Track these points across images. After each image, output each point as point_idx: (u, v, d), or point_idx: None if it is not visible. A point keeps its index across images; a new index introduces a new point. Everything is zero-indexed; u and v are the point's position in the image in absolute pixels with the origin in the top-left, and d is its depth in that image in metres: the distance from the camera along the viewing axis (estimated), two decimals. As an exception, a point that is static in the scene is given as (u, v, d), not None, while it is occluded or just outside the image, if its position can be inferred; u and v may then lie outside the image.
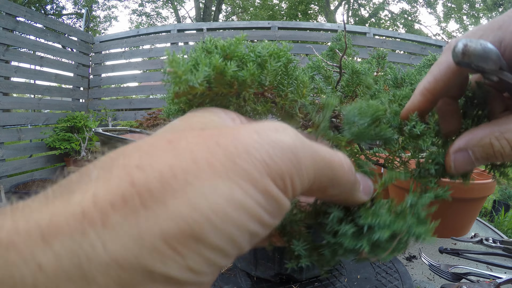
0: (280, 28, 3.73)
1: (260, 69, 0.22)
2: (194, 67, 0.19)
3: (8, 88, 2.81)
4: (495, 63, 0.17)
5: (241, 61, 0.22)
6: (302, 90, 0.25)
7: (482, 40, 0.17)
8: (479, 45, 0.17)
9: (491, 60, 0.17)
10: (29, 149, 3.03)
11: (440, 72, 0.21)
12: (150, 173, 0.12)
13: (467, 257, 0.61)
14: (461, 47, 0.17)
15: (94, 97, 3.82)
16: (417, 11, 13.31)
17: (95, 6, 11.55)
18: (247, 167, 0.12)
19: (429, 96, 0.22)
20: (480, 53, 0.17)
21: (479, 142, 0.20)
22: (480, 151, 0.20)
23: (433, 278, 0.56)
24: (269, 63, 0.22)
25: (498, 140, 0.19)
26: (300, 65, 0.29)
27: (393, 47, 3.95)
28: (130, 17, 18.28)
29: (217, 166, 0.12)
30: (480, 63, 0.17)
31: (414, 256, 0.64)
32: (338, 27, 3.79)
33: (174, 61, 0.18)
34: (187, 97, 0.19)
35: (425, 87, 0.22)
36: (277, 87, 0.25)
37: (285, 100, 0.25)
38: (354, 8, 13.22)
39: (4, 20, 2.68)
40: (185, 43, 3.82)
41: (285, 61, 0.24)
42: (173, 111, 0.28)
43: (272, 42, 0.24)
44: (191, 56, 0.21)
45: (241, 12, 13.29)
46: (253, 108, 0.24)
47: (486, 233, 0.78)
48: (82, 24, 4.69)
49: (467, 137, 0.21)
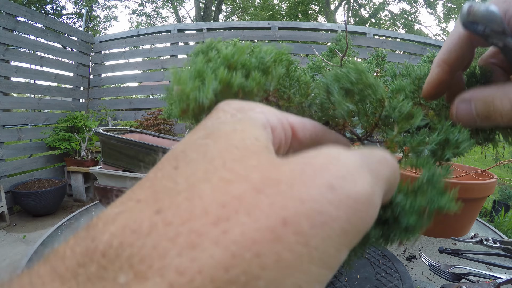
0: (280, 28, 3.73)
1: (264, 76, 0.22)
2: (200, 82, 0.19)
3: (8, 88, 2.81)
4: (498, 25, 0.19)
5: (244, 67, 0.21)
6: (306, 90, 0.25)
7: (486, 3, 0.19)
8: (482, 6, 0.19)
9: (494, 22, 0.19)
10: (29, 149, 3.03)
11: (452, 41, 0.22)
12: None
13: (467, 257, 0.61)
14: (467, 7, 0.19)
15: (94, 97, 3.82)
16: (417, 11, 13.30)
17: (95, 6, 11.56)
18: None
19: (445, 66, 0.23)
20: (484, 13, 0.19)
21: (483, 97, 0.21)
22: (482, 106, 0.21)
23: (433, 278, 0.56)
24: (273, 69, 0.22)
25: (500, 99, 0.20)
26: (300, 65, 0.29)
27: (393, 47, 3.95)
28: (130, 17, 18.29)
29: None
30: (484, 22, 0.19)
31: (414, 256, 0.64)
32: (338, 27, 3.79)
33: (181, 79, 0.17)
34: (194, 112, 0.19)
35: (440, 58, 0.23)
36: (279, 90, 0.25)
37: (290, 102, 0.25)
38: (354, 8, 13.22)
39: (4, 20, 2.68)
40: (185, 43, 3.82)
41: (286, 63, 0.24)
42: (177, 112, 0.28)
43: (273, 45, 0.24)
44: (194, 68, 0.20)
45: (241, 12, 13.29)
46: None
47: (486, 233, 0.78)
48: (82, 24, 4.69)
49: (474, 92, 0.22)
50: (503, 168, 5.61)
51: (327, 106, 0.25)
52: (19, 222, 2.63)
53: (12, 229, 2.49)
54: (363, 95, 0.23)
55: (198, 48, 0.24)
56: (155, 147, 0.73)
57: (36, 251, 0.63)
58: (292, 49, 0.24)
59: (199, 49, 0.24)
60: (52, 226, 0.76)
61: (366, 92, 0.23)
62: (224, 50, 0.20)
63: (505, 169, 5.62)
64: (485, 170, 0.77)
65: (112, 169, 0.77)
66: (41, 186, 2.76)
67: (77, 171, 3.08)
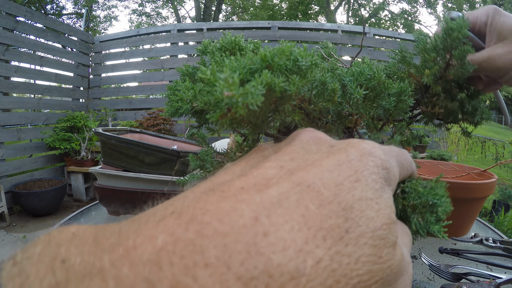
0: (280, 28, 3.73)
1: (301, 80, 0.21)
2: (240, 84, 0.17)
3: (8, 88, 2.81)
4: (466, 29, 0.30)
5: (279, 70, 0.20)
6: (333, 97, 0.25)
7: (458, 12, 0.33)
8: (456, 13, 0.33)
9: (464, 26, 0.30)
10: (29, 149, 3.03)
11: None
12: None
13: (467, 257, 0.61)
14: (447, 13, 0.34)
15: (94, 97, 3.82)
16: (417, 11, 13.30)
17: (95, 6, 11.56)
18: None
19: None
20: (457, 16, 0.31)
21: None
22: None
23: (433, 278, 0.56)
24: (309, 74, 0.21)
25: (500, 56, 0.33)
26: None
27: (393, 47, 3.94)
28: (130, 17, 18.28)
29: None
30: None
31: (414, 256, 0.64)
32: (338, 27, 3.79)
33: (233, 84, 0.16)
34: (235, 117, 0.18)
35: None
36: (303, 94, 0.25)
37: (314, 106, 0.25)
38: (354, 8, 13.22)
39: (4, 20, 2.68)
40: (185, 43, 3.82)
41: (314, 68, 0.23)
42: (186, 110, 0.27)
43: (309, 49, 0.23)
44: (231, 69, 0.19)
45: (241, 12, 13.29)
46: (292, 118, 0.23)
47: (486, 233, 0.78)
48: (82, 24, 4.69)
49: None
50: (503, 168, 5.62)
51: (342, 112, 0.27)
52: (19, 222, 2.63)
53: (12, 229, 2.49)
54: (377, 90, 0.27)
55: (221, 43, 0.24)
56: (155, 147, 0.73)
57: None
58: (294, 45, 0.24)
59: (221, 45, 0.23)
60: (52, 226, 0.76)
61: (379, 89, 0.27)
62: (262, 51, 0.19)
63: (505, 169, 5.63)
64: (485, 170, 0.77)
65: (112, 169, 0.77)
66: (41, 186, 2.76)
67: (77, 171, 3.08)
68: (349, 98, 0.26)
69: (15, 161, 2.85)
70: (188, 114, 0.29)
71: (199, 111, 0.28)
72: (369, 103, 0.28)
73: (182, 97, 0.28)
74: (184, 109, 0.28)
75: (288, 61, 0.20)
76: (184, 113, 0.28)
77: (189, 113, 0.28)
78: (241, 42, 0.27)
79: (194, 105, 0.27)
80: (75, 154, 3.14)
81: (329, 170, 0.13)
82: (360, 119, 0.28)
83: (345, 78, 0.26)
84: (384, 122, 0.29)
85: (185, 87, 0.28)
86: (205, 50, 0.33)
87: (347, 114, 0.29)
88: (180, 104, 0.28)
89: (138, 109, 3.80)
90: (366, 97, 0.27)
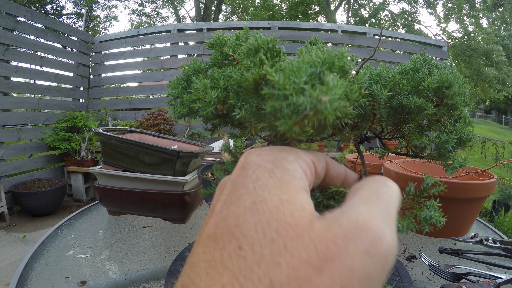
0: (280, 28, 3.73)
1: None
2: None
3: (8, 88, 2.81)
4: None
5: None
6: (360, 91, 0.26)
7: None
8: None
9: None
10: (29, 149, 3.03)
11: None
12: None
13: (467, 257, 0.61)
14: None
15: (94, 97, 3.82)
16: (417, 11, 13.30)
17: (95, 6, 11.56)
18: None
19: None
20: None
21: None
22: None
23: (433, 278, 0.56)
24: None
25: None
26: None
27: (393, 47, 3.95)
28: (130, 17, 18.28)
29: None
30: None
31: (414, 256, 0.63)
32: (338, 27, 3.79)
33: (328, 89, 0.15)
34: (313, 123, 0.16)
35: None
36: None
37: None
38: (354, 8, 13.22)
39: (4, 20, 2.68)
40: (185, 43, 3.82)
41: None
42: (209, 113, 0.25)
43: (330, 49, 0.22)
44: (290, 71, 0.17)
45: (241, 12, 13.29)
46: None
47: (486, 233, 0.78)
48: (82, 24, 4.69)
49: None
50: (503, 168, 5.62)
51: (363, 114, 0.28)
52: (19, 222, 2.63)
53: (12, 229, 2.49)
54: (394, 90, 0.29)
55: (260, 44, 0.22)
56: (155, 147, 0.73)
57: (36, 251, 0.63)
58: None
59: (257, 46, 0.22)
60: (52, 226, 0.76)
61: (395, 90, 0.29)
62: (319, 53, 0.18)
63: (505, 169, 5.63)
64: (485, 170, 0.77)
65: (112, 169, 0.77)
66: (41, 186, 2.76)
67: (77, 171, 3.08)
68: (374, 100, 0.27)
69: (15, 161, 2.85)
70: (210, 117, 0.26)
71: (221, 114, 0.25)
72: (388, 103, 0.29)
73: (200, 97, 0.24)
74: (207, 112, 0.24)
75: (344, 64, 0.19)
76: (205, 115, 0.25)
77: (212, 116, 0.25)
78: (275, 43, 0.24)
79: (218, 107, 0.24)
80: (75, 154, 3.14)
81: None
82: (376, 121, 0.29)
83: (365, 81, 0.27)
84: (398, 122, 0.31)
85: (204, 85, 0.24)
86: (220, 44, 0.28)
87: (368, 115, 0.29)
88: (198, 105, 0.25)
89: (138, 109, 3.80)
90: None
